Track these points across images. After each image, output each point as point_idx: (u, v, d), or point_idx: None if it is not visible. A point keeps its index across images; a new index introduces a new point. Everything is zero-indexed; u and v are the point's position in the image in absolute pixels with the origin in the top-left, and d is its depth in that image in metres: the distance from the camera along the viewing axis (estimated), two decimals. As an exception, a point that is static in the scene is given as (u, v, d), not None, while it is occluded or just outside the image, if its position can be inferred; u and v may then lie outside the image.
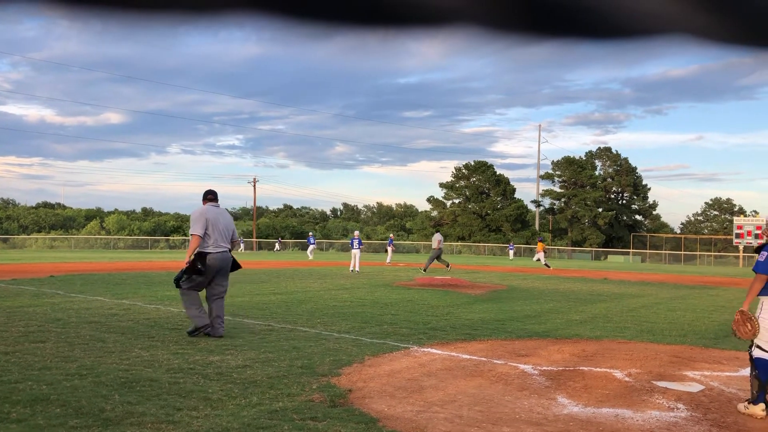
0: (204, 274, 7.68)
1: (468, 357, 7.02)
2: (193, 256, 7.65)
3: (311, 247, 39.85)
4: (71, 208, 77.21)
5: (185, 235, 65.66)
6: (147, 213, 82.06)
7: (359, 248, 22.93)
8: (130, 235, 60.08)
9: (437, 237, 23.18)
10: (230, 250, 7.99)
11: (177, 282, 7.74)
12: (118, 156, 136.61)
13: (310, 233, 45.81)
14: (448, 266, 23.68)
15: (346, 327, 8.92)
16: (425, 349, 7.40)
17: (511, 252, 51.15)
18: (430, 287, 16.16)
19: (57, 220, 68.71)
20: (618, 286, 19.25)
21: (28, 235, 58.99)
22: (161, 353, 6.54)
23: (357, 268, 22.36)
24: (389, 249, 34.32)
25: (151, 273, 19.56)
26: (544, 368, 6.51)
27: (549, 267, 29.89)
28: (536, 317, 10.86)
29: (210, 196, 8.03)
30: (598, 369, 6.56)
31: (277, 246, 56.74)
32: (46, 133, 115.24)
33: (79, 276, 16.75)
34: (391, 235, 42.77)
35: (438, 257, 23.14)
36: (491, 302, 13.09)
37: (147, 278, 17.14)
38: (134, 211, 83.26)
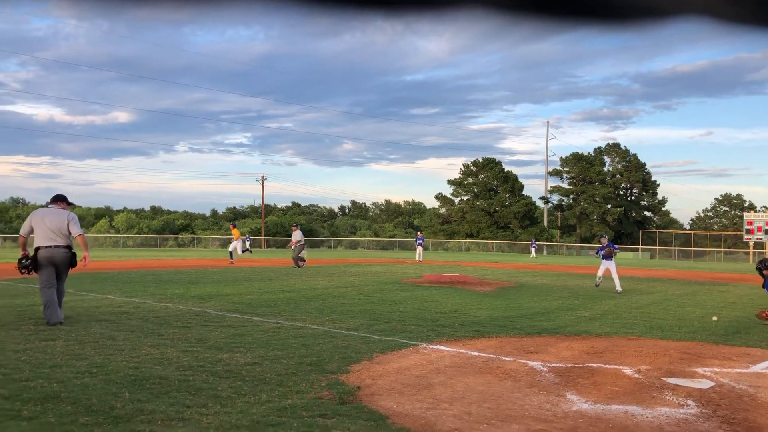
0: (35, 266, 8.53)
1: (477, 354, 7.01)
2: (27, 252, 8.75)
3: (420, 248, 35.24)
4: (80, 207, 77.52)
5: (194, 233, 66.10)
6: (156, 211, 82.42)
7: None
8: (139, 234, 60.31)
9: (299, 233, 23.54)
10: (68, 246, 8.66)
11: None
12: (127, 155, 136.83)
13: (419, 232, 40.92)
14: (298, 264, 23.34)
15: (354, 324, 8.93)
16: (434, 346, 7.40)
17: (533, 250, 50.57)
18: (439, 284, 16.16)
19: (66, 219, 69.05)
20: (627, 283, 19.16)
21: (38, 234, 59.26)
22: (171, 351, 6.57)
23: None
24: (419, 247, 34.31)
25: (160, 271, 19.65)
26: (553, 365, 6.50)
27: (232, 261, 26.92)
28: (545, 314, 10.84)
29: (51, 200, 9.07)
30: (608, 366, 6.54)
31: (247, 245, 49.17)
32: (55, 133, 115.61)
33: (88, 274, 16.82)
34: (419, 233, 40.89)
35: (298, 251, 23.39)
36: (500, 299, 13.07)
37: (156, 276, 17.21)
38: (143, 209, 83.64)
